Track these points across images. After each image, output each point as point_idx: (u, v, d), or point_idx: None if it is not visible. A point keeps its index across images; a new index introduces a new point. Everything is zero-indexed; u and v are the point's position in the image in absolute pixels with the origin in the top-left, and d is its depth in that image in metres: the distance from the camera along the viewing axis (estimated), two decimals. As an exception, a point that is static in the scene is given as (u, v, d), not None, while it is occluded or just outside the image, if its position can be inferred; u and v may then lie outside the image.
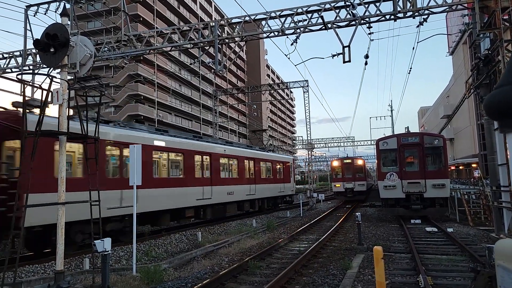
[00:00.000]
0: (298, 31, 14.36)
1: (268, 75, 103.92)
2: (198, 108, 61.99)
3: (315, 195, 31.96)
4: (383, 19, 13.71)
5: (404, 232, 14.00)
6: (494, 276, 1.76)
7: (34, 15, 16.30)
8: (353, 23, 13.80)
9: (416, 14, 13.25)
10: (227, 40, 15.61)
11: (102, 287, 6.62)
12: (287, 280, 7.69)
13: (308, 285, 7.46)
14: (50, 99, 6.56)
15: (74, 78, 7.08)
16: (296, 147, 61.78)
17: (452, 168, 50.96)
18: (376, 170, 28.49)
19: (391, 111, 64.50)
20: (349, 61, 13.70)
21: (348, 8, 13.80)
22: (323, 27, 14.02)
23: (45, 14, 16.03)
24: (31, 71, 16.73)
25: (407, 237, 12.71)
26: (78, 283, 7.88)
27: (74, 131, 7.19)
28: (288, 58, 17.10)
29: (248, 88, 35.65)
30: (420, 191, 17.21)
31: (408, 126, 23.14)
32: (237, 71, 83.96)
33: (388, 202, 18.10)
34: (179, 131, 20.93)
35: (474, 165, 44.09)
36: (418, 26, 14.36)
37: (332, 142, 51.76)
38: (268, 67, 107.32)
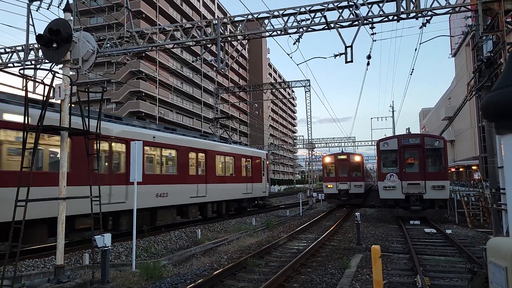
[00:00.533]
0: (301, 30, 14.35)
1: (270, 74, 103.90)
2: (199, 106, 62.03)
3: (314, 194, 32.03)
4: (386, 19, 13.68)
5: (403, 232, 14.03)
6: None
7: (37, 10, 16.30)
8: (356, 23, 13.79)
9: (419, 15, 13.22)
10: (229, 38, 15.61)
11: (102, 282, 6.67)
12: (286, 279, 7.72)
13: (306, 283, 7.49)
14: (52, 94, 6.60)
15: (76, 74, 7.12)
16: (297, 147, 61.81)
17: (452, 170, 50.88)
18: (376, 171, 28.09)
19: (392, 112, 64.04)
20: (351, 61, 13.69)
21: (351, 8, 13.78)
22: (326, 27, 14.00)
23: (47, 9, 16.04)
24: (33, 66, 16.76)
25: (405, 237, 12.74)
26: (78, 278, 7.91)
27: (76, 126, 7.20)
28: (290, 57, 17.07)
29: (250, 86, 35.67)
30: (419, 192, 17.22)
31: (409, 127, 22.89)
32: (239, 70, 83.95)
33: (388, 202, 18.13)
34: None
35: (474, 167, 44.02)
36: (421, 27, 14.32)
37: (333, 142, 51.84)
38: (270, 66, 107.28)
